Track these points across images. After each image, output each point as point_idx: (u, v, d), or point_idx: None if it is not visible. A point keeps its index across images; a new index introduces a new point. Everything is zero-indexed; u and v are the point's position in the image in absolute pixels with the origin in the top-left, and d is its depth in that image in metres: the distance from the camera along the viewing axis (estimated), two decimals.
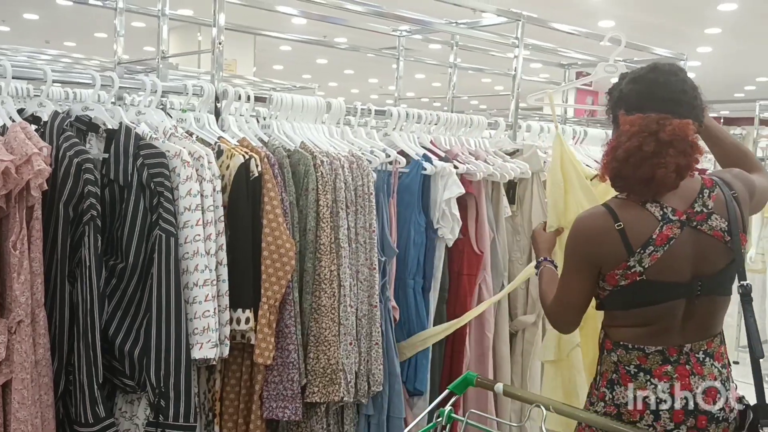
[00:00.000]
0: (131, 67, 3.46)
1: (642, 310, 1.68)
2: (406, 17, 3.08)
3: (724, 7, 7.82)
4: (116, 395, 1.87)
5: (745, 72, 12.32)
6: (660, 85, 1.72)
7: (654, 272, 1.63)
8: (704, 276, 1.67)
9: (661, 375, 1.66)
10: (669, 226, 1.64)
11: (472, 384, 1.82)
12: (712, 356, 1.71)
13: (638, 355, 1.68)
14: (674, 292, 1.66)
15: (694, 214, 1.66)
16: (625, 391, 1.68)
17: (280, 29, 5.29)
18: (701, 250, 1.66)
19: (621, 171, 1.63)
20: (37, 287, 1.67)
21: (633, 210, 1.66)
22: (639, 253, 1.63)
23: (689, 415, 1.65)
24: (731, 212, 1.68)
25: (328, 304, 2.07)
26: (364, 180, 2.17)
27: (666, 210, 1.65)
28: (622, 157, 1.62)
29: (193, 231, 1.80)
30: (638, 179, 1.62)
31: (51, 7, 8.66)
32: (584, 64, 4.61)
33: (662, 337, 1.68)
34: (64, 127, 1.77)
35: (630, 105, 1.71)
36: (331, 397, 2.06)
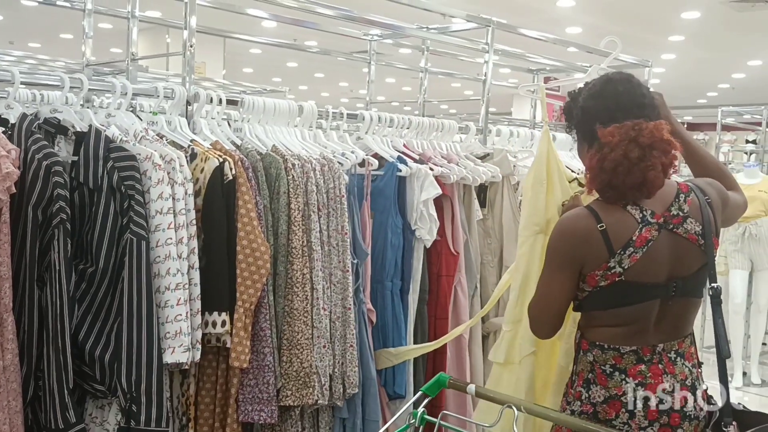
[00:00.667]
0: (99, 69, 3.42)
1: (619, 311, 1.72)
2: (377, 22, 3.10)
3: (688, 15, 7.99)
4: (86, 400, 1.85)
5: (707, 78, 12.59)
6: (622, 94, 1.75)
7: (633, 273, 1.68)
8: (679, 278, 1.73)
9: (635, 374, 1.71)
10: (648, 228, 1.68)
11: (445, 385, 1.83)
12: (683, 356, 1.76)
13: (614, 354, 1.73)
14: (650, 293, 1.70)
15: (671, 217, 1.72)
16: (600, 390, 1.73)
17: (250, 32, 5.27)
18: (677, 252, 1.72)
19: (611, 181, 1.66)
20: (5, 291, 1.64)
21: (615, 212, 1.70)
22: (619, 254, 1.67)
23: (663, 413, 1.70)
24: (705, 216, 1.74)
25: (301, 307, 2.06)
26: (336, 182, 2.17)
27: (645, 212, 1.70)
28: (611, 167, 1.65)
29: (164, 234, 1.79)
30: (630, 186, 1.66)
31: (15, 7, 8.50)
32: (552, 69, 4.67)
33: (637, 338, 1.73)
34: (32, 129, 1.75)
35: (602, 119, 1.72)
36: (305, 400, 2.06)
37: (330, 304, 2.16)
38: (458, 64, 5.07)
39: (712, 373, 1.78)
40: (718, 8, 7.53)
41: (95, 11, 2.86)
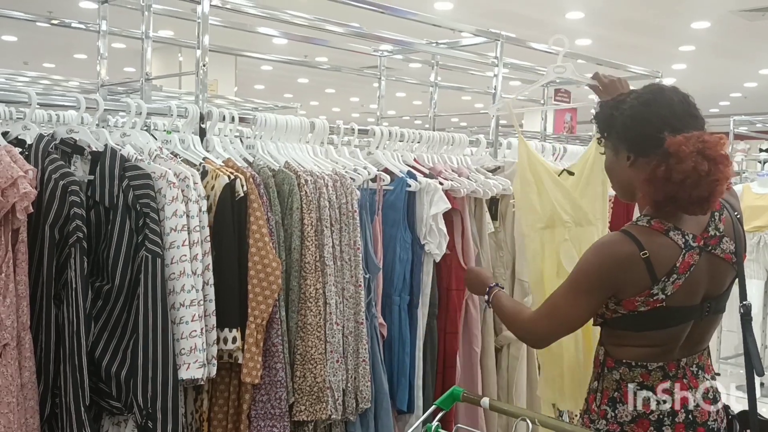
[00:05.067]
0: (113, 89, 3.47)
1: (654, 332, 1.69)
2: (386, 38, 3.13)
3: (698, 25, 7.99)
4: (103, 417, 1.86)
5: (719, 88, 12.56)
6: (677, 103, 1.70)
7: (675, 299, 1.65)
8: (711, 297, 1.71)
9: (661, 391, 1.69)
10: (690, 254, 1.65)
11: (459, 399, 1.84)
12: (704, 369, 1.77)
13: (641, 372, 1.71)
14: (687, 315, 1.69)
15: (710, 238, 1.69)
16: (627, 409, 1.71)
17: (261, 50, 5.33)
18: (713, 273, 1.69)
19: (677, 194, 1.59)
20: (22, 310, 1.66)
21: (657, 238, 1.65)
22: (663, 282, 1.63)
23: (689, 427, 1.69)
24: (737, 234, 1.73)
25: (314, 322, 2.07)
26: (348, 198, 2.19)
27: (687, 237, 1.66)
28: (679, 179, 1.57)
29: (179, 251, 1.81)
30: (695, 199, 1.60)
31: (30, 28, 8.63)
32: (562, 81, 4.68)
33: (664, 356, 1.71)
34: (49, 149, 1.77)
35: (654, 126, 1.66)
36: (319, 415, 2.06)
37: (343, 319, 2.17)
38: (468, 78, 5.10)
39: (727, 384, 1.78)
40: (728, 18, 7.53)
41: (109, 32, 2.90)
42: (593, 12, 7.55)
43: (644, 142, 1.66)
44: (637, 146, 1.69)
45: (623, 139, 1.73)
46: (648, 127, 1.66)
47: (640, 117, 1.69)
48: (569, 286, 1.72)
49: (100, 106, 1.91)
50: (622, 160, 1.73)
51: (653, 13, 7.47)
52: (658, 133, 1.62)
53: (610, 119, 1.76)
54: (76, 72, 7.54)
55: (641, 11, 7.41)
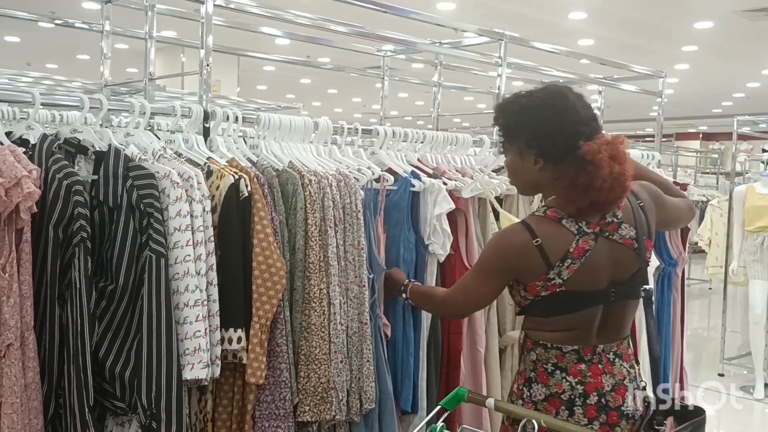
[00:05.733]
0: (116, 89, 3.47)
1: (562, 317, 1.79)
2: (390, 37, 3.12)
3: (701, 25, 7.98)
4: (107, 418, 1.86)
5: (722, 88, 12.55)
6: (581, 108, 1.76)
7: (573, 283, 1.74)
8: (618, 283, 1.79)
9: (575, 373, 1.78)
10: (585, 239, 1.75)
11: (464, 399, 1.83)
12: (621, 357, 1.83)
13: (556, 353, 1.80)
14: (592, 299, 1.78)
15: (606, 224, 1.78)
16: (541, 389, 1.80)
17: (263, 50, 5.33)
18: (615, 258, 1.78)
19: (598, 197, 1.71)
20: (26, 310, 1.66)
21: (550, 226, 1.76)
22: (558, 266, 1.74)
23: (601, 411, 1.77)
24: (638, 220, 1.81)
25: (318, 322, 2.07)
26: (352, 198, 2.18)
27: (581, 224, 1.76)
28: (599, 185, 1.69)
29: (183, 251, 1.80)
30: (611, 201, 1.74)
31: (32, 29, 8.64)
32: (566, 81, 4.67)
33: (579, 340, 1.80)
34: (53, 149, 1.77)
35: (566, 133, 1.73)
36: (323, 416, 2.06)
37: (347, 319, 2.16)
38: (471, 78, 5.10)
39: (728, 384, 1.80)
40: (731, 18, 7.52)
41: (113, 32, 2.90)
42: (596, 12, 7.55)
43: (558, 151, 1.74)
44: (549, 154, 1.75)
45: (532, 146, 1.77)
46: (560, 137, 1.73)
47: (551, 125, 1.74)
48: (476, 269, 1.89)
49: (104, 106, 1.90)
50: (529, 164, 1.79)
51: (656, 13, 7.46)
52: (573, 141, 1.71)
53: (516, 126, 1.80)
54: (79, 73, 7.54)
55: (644, 11, 7.41)
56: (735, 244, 5.66)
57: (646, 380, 1.88)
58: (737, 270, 5.63)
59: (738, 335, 6.91)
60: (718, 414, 4.94)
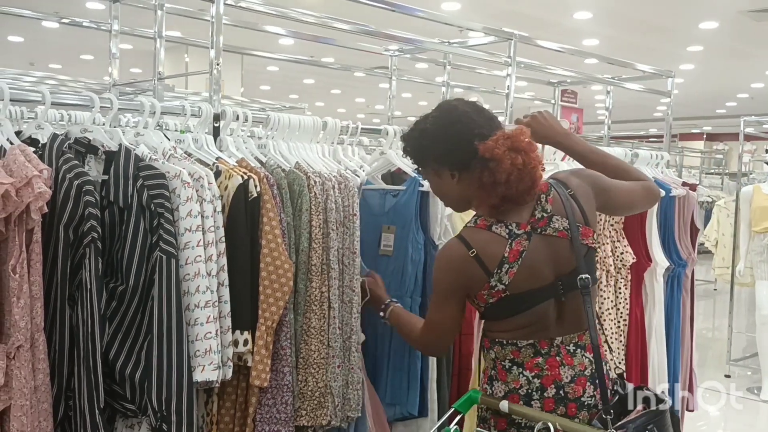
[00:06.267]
0: (123, 89, 3.46)
1: (515, 318, 1.80)
2: (397, 36, 3.10)
3: (706, 26, 7.96)
4: (117, 420, 1.84)
5: (726, 88, 12.53)
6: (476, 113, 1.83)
7: (516, 286, 1.76)
8: (563, 275, 1.80)
9: (532, 367, 1.79)
10: (517, 241, 1.76)
11: (477, 402, 1.83)
12: (584, 348, 1.83)
13: (512, 349, 1.81)
14: (539, 296, 1.79)
15: (537, 221, 1.79)
16: (501, 385, 1.81)
17: (267, 49, 5.31)
18: (553, 252, 1.79)
19: (506, 193, 1.74)
20: (36, 311, 1.64)
21: (482, 235, 1.79)
22: (497, 273, 1.75)
23: (559, 402, 1.77)
24: (568, 210, 1.81)
25: (318, 326, 2.04)
26: (350, 201, 2.16)
27: (511, 227, 1.78)
28: (504, 179, 1.72)
29: (193, 252, 1.79)
30: (522, 191, 1.75)
31: (36, 29, 8.64)
32: (573, 81, 4.66)
33: (537, 334, 1.81)
34: (63, 149, 1.75)
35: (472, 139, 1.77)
36: (319, 421, 2.03)
37: (343, 324, 2.13)
38: (475, 78, 5.08)
39: (741, 385, 1.79)
40: (736, 18, 7.50)
41: (121, 32, 2.89)
42: (601, 12, 7.53)
43: (462, 158, 1.79)
44: (457, 163, 1.81)
45: (442, 162, 1.85)
46: (460, 144, 1.79)
47: (449, 137, 1.81)
48: (433, 297, 1.90)
49: (114, 105, 1.89)
50: (447, 179, 1.86)
51: (661, 13, 7.44)
52: (471, 145, 1.76)
53: (422, 149, 1.88)
54: (83, 73, 7.54)
55: (649, 11, 7.39)
56: (742, 244, 5.64)
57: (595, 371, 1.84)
58: (744, 271, 5.62)
59: (743, 336, 6.89)
60: (725, 415, 4.93)
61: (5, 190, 1.54)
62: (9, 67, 8.33)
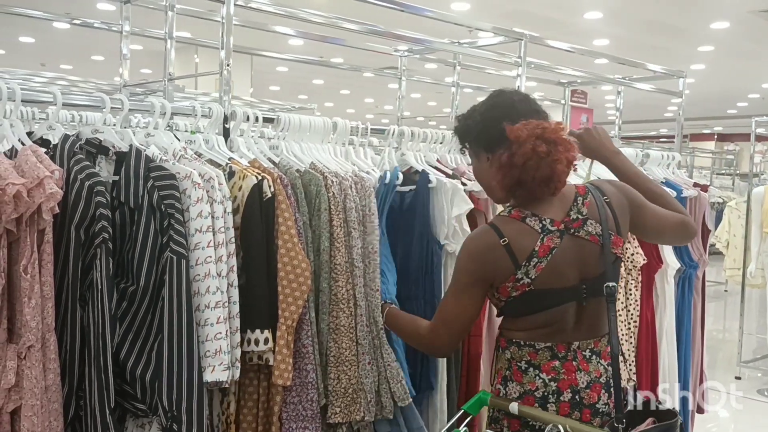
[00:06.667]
0: (133, 90, 3.47)
1: (535, 316, 1.79)
2: (406, 37, 3.10)
3: (717, 26, 7.92)
4: (127, 419, 1.85)
5: (738, 89, 12.46)
6: (518, 102, 1.84)
7: (541, 282, 1.74)
8: (588, 279, 1.78)
9: (549, 370, 1.78)
10: (549, 237, 1.75)
11: (486, 403, 1.82)
12: (599, 354, 1.83)
13: (529, 351, 1.80)
14: (563, 296, 1.77)
15: (571, 221, 1.78)
16: (516, 386, 1.79)
17: (277, 50, 5.32)
18: (582, 254, 1.78)
19: (521, 177, 1.72)
20: (47, 311, 1.65)
21: (515, 225, 1.76)
22: (525, 266, 1.73)
23: (575, 408, 1.76)
24: (602, 216, 1.79)
25: (347, 323, 2.05)
26: (367, 201, 2.16)
27: (545, 222, 1.76)
28: (521, 162, 1.70)
29: (204, 253, 1.79)
30: (539, 180, 1.72)
31: (47, 30, 8.69)
32: (583, 81, 4.65)
33: (554, 336, 1.79)
34: (74, 150, 1.76)
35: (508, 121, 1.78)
36: (353, 417, 2.04)
37: (372, 321, 2.14)
38: (484, 78, 5.07)
39: (751, 387, 1.78)
40: (747, 18, 7.46)
41: (132, 33, 2.90)
42: (612, 12, 7.50)
43: (492, 139, 1.79)
44: (490, 146, 1.81)
45: (479, 143, 1.86)
46: (492, 125, 1.80)
47: (489, 119, 1.83)
48: (452, 287, 1.85)
49: (125, 106, 1.89)
50: (483, 163, 1.86)
51: (672, 13, 7.41)
52: (500, 124, 1.76)
53: (466, 129, 1.90)
54: (94, 74, 7.57)
55: (660, 11, 7.36)
56: (753, 245, 5.61)
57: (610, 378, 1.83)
58: (755, 272, 5.59)
59: (754, 338, 6.85)
60: (735, 416, 4.90)
61: (17, 190, 1.55)
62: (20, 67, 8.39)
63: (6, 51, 10.86)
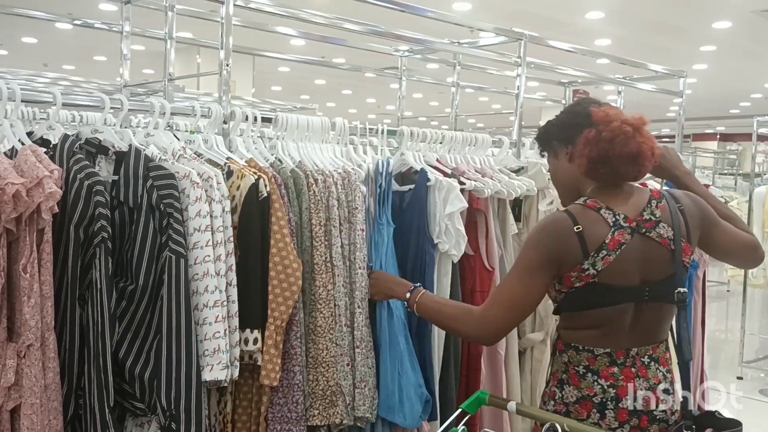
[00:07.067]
0: (134, 90, 3.48)
1: (593, 312, 1.78)
2: (407, 37, 3.10)
3: (719, 25, 7.91)
4: (126, 418, 1.85)
5: (740, 88, 12.44)
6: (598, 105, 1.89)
7: (606, 275, 1.73)
8: (651, 282, 1.77)
9: (607, 376, 1.77)
10: (620, 232, 1.74)
11: (485, 403, 1.82)
12: (657, 361, 1.82)
13: (587, 356, 1.79)
14: (623, 295, 1.76)
15: (644, 221, 1.78)
16: (573, 391, 1.79)
17: (278, 50, 5.33)
18: (649, 256, 1.77)
19: (608, 151, 1.73)
20: (47, 310, 1.65)
21: (590, 214, 1.76)
22: (593, 257, 1.72)
23: (633, 414, 1.75)
24: (675, 222, 1.79)
25: (325, 324, 2.05)
26: (353, 196, 2.16)
27: (618, 216, 1.76)
28: (609, 137, 1.73)
29: (202, 252, 1.80)
30: (625, 157, 1.73)
31: (50, 30, 8.72)
32: (584, 81, 4.65)
33: (611, 340, 1.78)
34: (74, 149, 1.77)
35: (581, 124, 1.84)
36: (332, 420, 2.04)
37: (352, 321, 2.13)
38: (486, 78, 5.07)
39: (753, 387, 1.78)
40: (749, 18, 7.45)
41: (132, 33, 2.90)
42: (613, 12, 7.50)
43: (578, 130, 1.82)
44: (572, 136, 1.85)
45: (561, 139, 1.91)
46: (579, 117, 1.86)
47: (572, 113, 1.92)
48: (518, 268, 1.79)
49: (125, 106, 1.90)
50: (563, 159, 1.91)
51: (674, 13, 7.40)
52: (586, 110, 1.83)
53: (547, 131, 1.98)
54: (96, 74, 7.59)
55: (662, 11, 7.35)
56: None
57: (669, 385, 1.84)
58: (757, 272, 5.58)
59: (756, 338, 6.84)
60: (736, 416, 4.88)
61: (16, 190, 1.55)
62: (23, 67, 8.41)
63: (9, 51, 10.89)
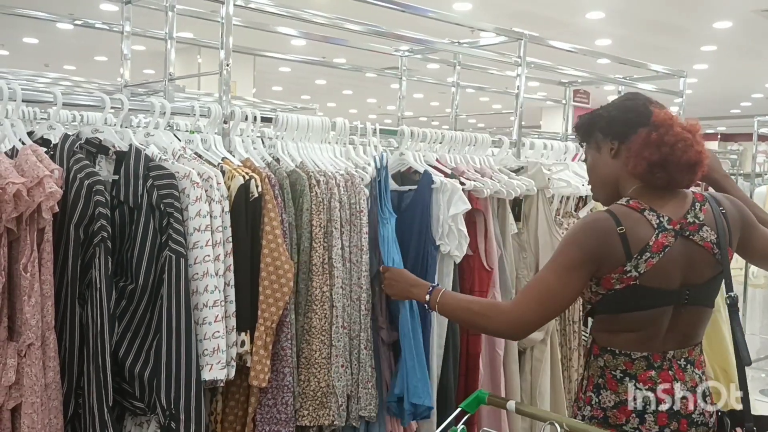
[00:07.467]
0: (134, 90, 3.48)
1: (631, 315, 1.74)
2: (408, 37, 3.10)
3: (720, 25, 7.91)
4: (126, 418, 1.86)
5: (741, 88, 12.43)
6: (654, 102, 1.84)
7: (648, 278, 1.69)
8: (692, 285, 1.74)
9: (645, 380, 1.74)
10: (664, 234, 1.71)
11: (484, 402, 1.82)
12: (693, 364, 1.79)
13: (624, 360, 1.76)
14: (663, 298, 1.72)
15: (687, 224, 1.74)
16: (610, 395, 1.76)
17: (279, 50, 5.33)
18: (691, 259, 1.74)
19: (669, 156, 1.70)
20: (47, 310, 1.66)
21: (633, 216, 1.72)
22: (636, 259, 1.68)
23: (672, 418, 1.73)
24: (719, 226, 1.77)
25: (319, 325, 2.05)
26: (356, 198, 2.15)
27: (662, 219, 1.72)
28: (672, 141, 1.69)
29: (202, 252, 1.80)
30: (683, 164, 1.70)
31: (51, 31, 8.72)
32: (584, 81, 4.65)
33: (648, 344, 1.75)
34: (74, 149, 1.77)
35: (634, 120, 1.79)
36: (322, 421, 2.04)
37: (350, 323, 2.12)
38: (486, 78, 5.07)
39: (755, 387, 1.78)
40: (750, 18, 7.44)
41: (133, 33, 2.91)
42: (614, 12, 7.49)
43: (630, 127, 1.77)
44: (622, 134, 1.79)
45: (607, 133, 1.84)
46: (632, 113, 1.79)
47: (624, 109, 1.83)
48: (555, 264, 1.73)
49: (125, 106, 1.90)
50: (606, 154, 1.84)
51: (675, 12, 7.40)
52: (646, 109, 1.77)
53: (591, 122, 1.89)
54: (97, 74, 7.59)
55: (663, 11, 7.35)
56: None
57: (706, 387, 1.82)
58: (757, 273, 5.58)
59: (757, 338, 6.83)
60: None
61: (17, 189, 1.56)
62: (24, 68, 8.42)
63: (10, 52, 10.90)
